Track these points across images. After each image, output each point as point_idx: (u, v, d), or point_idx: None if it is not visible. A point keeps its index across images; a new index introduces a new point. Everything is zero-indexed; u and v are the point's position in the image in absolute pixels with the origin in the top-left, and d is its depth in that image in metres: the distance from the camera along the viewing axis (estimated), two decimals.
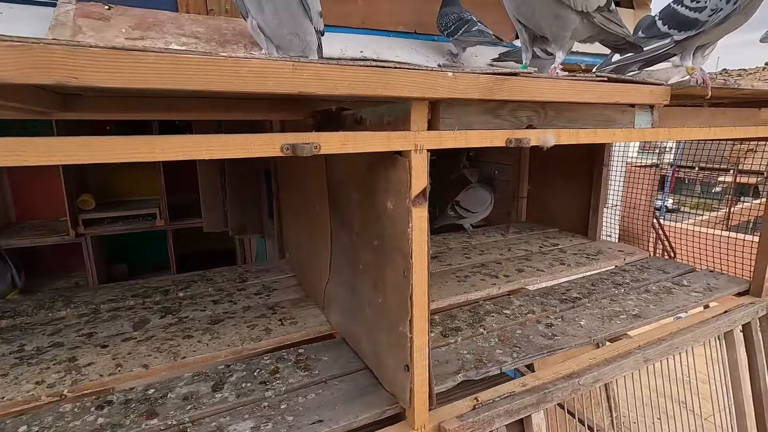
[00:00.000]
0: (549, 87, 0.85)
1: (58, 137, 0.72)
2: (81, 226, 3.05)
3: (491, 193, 2.20)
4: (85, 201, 3.14)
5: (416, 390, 0.89)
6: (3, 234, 3.04)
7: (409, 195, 0.79)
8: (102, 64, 0.51)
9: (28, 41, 0.47)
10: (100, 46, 0.51)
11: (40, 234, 3.01)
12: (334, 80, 0.65)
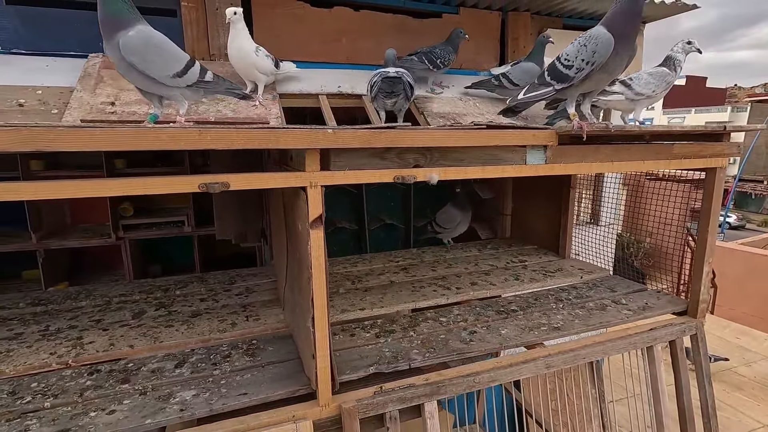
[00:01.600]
0: (427, 136, 1.07)
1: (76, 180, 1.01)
2: (121, 230, 3.50)
3: (462, 211, 2.38)
4: (125, 208, 3.60)
5: (320, 374, 1.12)
6: (59, 235, 3.54)
7: (308, 219, 1.04)
8: (67, 137, 0.80)
9: (19, 126, 0.76)
10: (63, 126, 0.79)
11: (87, 236, 3.49)
12: (232, 139, 0.91)
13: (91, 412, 1.08)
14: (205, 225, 3.82)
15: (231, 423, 1.08)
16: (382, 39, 2.36)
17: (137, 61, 1.06)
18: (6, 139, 0.75)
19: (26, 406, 1.11)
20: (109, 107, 1.56)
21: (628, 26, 1.11)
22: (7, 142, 0.76)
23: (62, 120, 1.46)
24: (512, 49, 2.64)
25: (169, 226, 3.82)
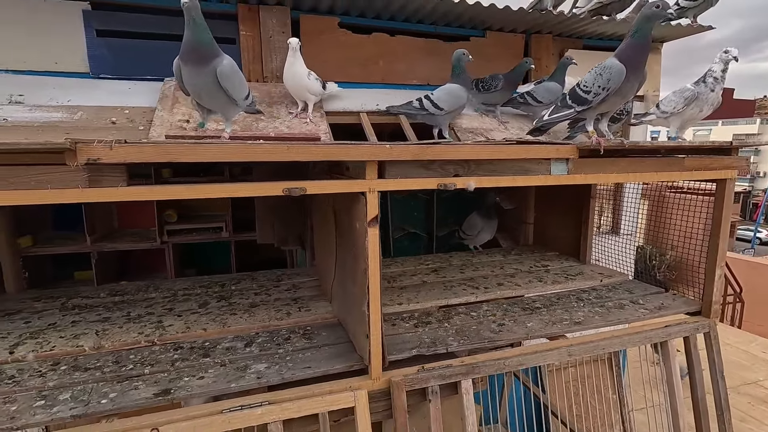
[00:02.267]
0: (466, 150, 1.27)
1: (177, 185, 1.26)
2: (165, 235, 3.79)
3: (485, 219, 2.56)
4: (170, 215, 3.90)
5: (373, 352, 1.32)
6: (108, 238, 3.85)
7: (366, 219, 1.25)
8: (190, 151, 1.03)
9: (159, 141, 1.00)
10: (186, 142, 1.03)
11: (134, 240, 3.79)
12: (313, 152, 1.13)
13: (184, 377, 1.30)
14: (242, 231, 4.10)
15: (299, 390, 1.29)
16: (415, 61, 2.59)
17: (228, 86, 1.30)
18: (152, 152, 0.99)
19: (130, 372, 1.34)
20: (185, 124, 1.82)
21: (637, 57, 1.29)
22: (152, 155, 0.99)
23: (149, 135, 1.72)
24: (535, 68, 2.83)
25: (209, 232, 4.12)
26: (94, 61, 2.05)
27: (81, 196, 1.01)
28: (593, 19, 2.58)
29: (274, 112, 2.05)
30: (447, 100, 1.92)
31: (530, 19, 2.57)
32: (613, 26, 2.72)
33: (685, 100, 1.75)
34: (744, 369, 4.92)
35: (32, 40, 1.98)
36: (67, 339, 1.54)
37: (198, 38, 1.25)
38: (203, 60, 1.26)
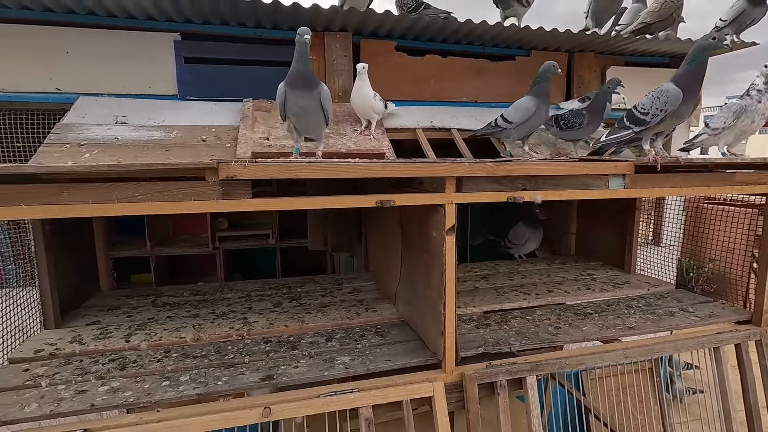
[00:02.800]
0: (534, 167, 1.42)
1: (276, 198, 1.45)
2: (217, 241, 4.05)
3: (531, 229, 2.68)
4: (221, 222, 4.16)
5: (447, 348, 1.47)
6: (164, 244, 4.13)
7: (444, 228, 1.41)
8: (308, 169, 1.22)
9: (279, 161, 1.19)
10: (305, 163, 1.21)
11: (188, 246, 4.06)
12: (402, 170, 1.30)
13: (281, 366, 1.48)
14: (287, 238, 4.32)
15: (382, 380, 1.45)
16: (463, 80, 2.76)
17: (327, 107, 1.50)
18: (276, 170, 1.18)
19: (232, 360, 1.53)
20: (266, 141, 2.03)
21: (693, 83, 1.41)
22: (276, 172, 1.18)
23: (237, 151, 1.94)
24: (578, 84, 2.95)
25: (257, 239, 4.36)
26: (182, 85, 2.31)
27: (216, 206, 1.21)
28: (636, 39, 2.69)
29: (340, 129, 2.24)
30: (514, 113, 1.97)
31: (575, 39, 2.70)
32: (655, 44, 2.82)
33: (734, 114, 1.83)
34: None
35: (131, 67, 2.24)
36: (170, 331, 1.75)
37: (307, 69, 1.46)
38: (310, 86, 1.46)
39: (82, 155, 1.79)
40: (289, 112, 1.52)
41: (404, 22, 2.38)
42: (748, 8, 2.57)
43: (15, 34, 2.10)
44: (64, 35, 2.15)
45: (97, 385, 1.36)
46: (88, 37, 2.18)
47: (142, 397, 1.30)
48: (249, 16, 2.24)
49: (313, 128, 1.57)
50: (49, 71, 2.15)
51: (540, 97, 1.95)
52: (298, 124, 1.56)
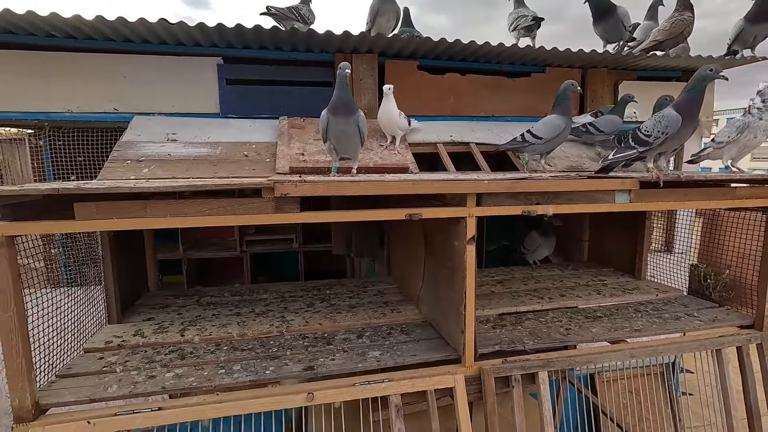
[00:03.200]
0: (547, 184, 1.59)
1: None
2: (245, 245, 4.28)
3: (543, 236, 2.84)
4: (248, 227, 4.40)
5: (467, 344, 1.64)
6: (194, 247, 4.39)
7: (465, 238, 1.59)
8: (347, 188, 1.41)
9: (324, 179, 1.38)
10: (347, 181, 1.41)
11: (217, 249, 4.31)
12: (430, 187, 1.49)
13: (320, 358, 1.68)
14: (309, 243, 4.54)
15: (409, 372, 1.63)
16: (481, 96, 2.94)
17: (363, 130, 1.70)
18: (322, 188, 1.38)
19: (276, 353, 1.74)
20: (301, 157, 2.24)
21: (691, 109, 1.56)
22: (322, 190, 1.38)
23: (276, 166, 2.15)
24: (591, 99, 3.10)
25: (281, 243, 4.58)
26: (224, 104, 2.54)
27: (270, 219, 1.42)
28: (647, 56, 2.83)
29: (367, 145, 2.44)
30: (544, 129, 2.07)
31: (587, 57, 2.85)
32: (666, 60, 2.95)
33: (737, 129, 1.97)
34: None
35: (178, 89, 2.48)
36: (217, 327, 1.97)
37: (348, 97, 1.67)
38: (349, 112, 1.67)
39: (141, 170, 2.03)
40: (331, 135, 1.72)
41: (426, 45, 2.57)
42: (747, 26, 2.69)
43: (80, 62, 2.36)
44: (121, 61, 2.41)
45: (163, 372, 1.58)
46: (141, 62, 2.43)
47: (204, 382, 1.51)
48: (286, 41, 2.47)
49: (351, 149, 1.77)
50: (109, 94, 2.41)
51: (566, 114, 2.07)
52: (338, 146, 1.76)
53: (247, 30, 2.28)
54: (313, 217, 1.45)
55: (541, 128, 2.05)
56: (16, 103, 2.30)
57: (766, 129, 1.95)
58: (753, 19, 2.74)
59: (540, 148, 2.16)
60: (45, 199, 1.46)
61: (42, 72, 2.31)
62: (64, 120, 2.39)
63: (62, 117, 2.37)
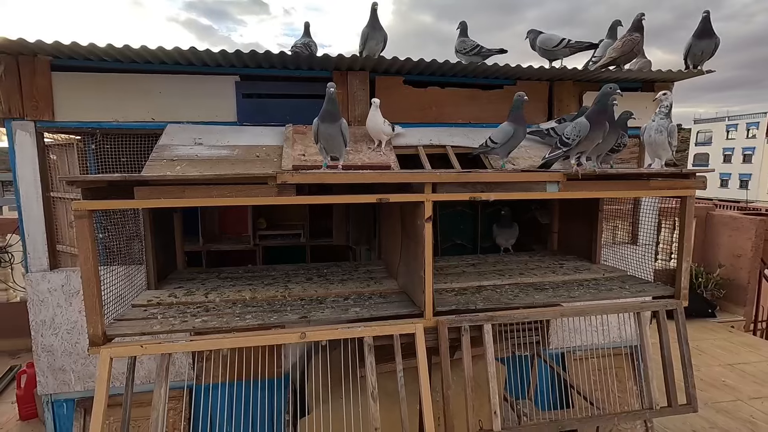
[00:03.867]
0: (489, 176, 2.06)
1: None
2: (257, 239, 4.79)
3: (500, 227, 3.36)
4: (261, 222, 4.92)
5: (426, 302, 2.11)
6: (213, 241, 4.92)
7: (424, 218, 2.06)
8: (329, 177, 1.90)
9: (312, 172, 1.87)
10: (329, 173, 1.89)
11: (233, 243, 4.84)
12: (393, 177, 1.96)
13: (312, 312, 2.16)
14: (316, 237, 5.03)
15: (380, 322, 2.10)
16: (459, 105, 3.40)
17: (346, 134, 2.19)
18: (312, 178, 1.87)
19: (280, 309, 2.22)
20: (302, 157, 2.74)
21: (599, 117, 2.01)
22: (313, 179, 1.87)
23: (281, 165, 2.65)
24: (558, 108, 3.54)
25: (290, 237, 5.10)
26: (241, 114, 3.06)
27: (274, 200, 1.91)
28: (602, 71, 3.27)
29: (358, 147, 2.93)
30: (498, 135, 2.49)
31: (553, 72, 3.30)
32: (621, 74, 3.38)
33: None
34: None
35: (204, 101, 3.02)
36: (234, 292, 2.47)
37: (334, 109, 2.16)
38: (334, 120, 2.16)
39: (175, 167, 2.55)
40: (320, 138, 2.21)
41: (409, 63, 3.06)
42: (695, 42, 3.11)
43: (125, 81, 2.91)
44: (157, 80, 2.95)
45: (192, 318, 2.08)
46: (174, 80, 2.97)
47: (223, 324, 2.00)
48: (291, 62, 2.98)
49: (336, 149, 2.25)
50: (147, 106, 2.95)
51: (517, 122, 2.48)
52: (327, 146, 2.25)
53: (259, 54, 2.80)
54: (304, 200, 1.94)
55: (496, 134, 2.51)
56: (75, 114, 2.86)
57: (657, 129, 2.35)
58: (699, 36, 3.16)
59: (499, 151, 2.62)
60: (109, 186, 1.98)
61: (96, 89, 2.87)
62: (111, 128, 2.94)
63: (110, 125, 2.92)
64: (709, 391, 4.86)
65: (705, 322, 7.06)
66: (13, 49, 2.62)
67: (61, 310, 2.96)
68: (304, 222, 4.92)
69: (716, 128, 42.24)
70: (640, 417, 2.28)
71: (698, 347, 6.00)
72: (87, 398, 3.00)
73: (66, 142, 3.61)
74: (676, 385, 2.27)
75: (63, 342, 2.98)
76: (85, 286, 1.77)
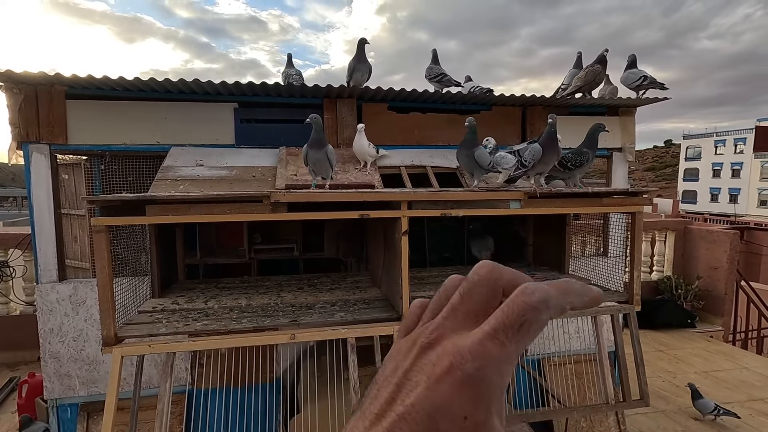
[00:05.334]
0: (457, 195, 2.34)
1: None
2: (252, 253, 5.03)
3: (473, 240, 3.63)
4: (256, 237, 5.16)
5: (404, 306, 2.36)
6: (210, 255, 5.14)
7: (401, 231, 2.33)
8: (317, 196, 2.17)
9: (301, 192, 2.14)
10: (317, 192, 2.17)
11: (229, 256, 5.07)
12: (372, 196, 2.24)
13: (301, 317, 2.40)
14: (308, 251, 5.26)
15: (362, 325, 2.35)
16: (439, 129, 3.72)
17: (331, 158, 2.47)
18: (303, 197, 2.14)
19: (272, 314, 2.47)
20: (294, 177, 3.02)
21: (549, 144, 2.31)
22: (303, 198, 2.14)
23: (275, 185, 2.92)
24: (530, 130, 3.86)
25: (284, 251, 5.33)
26: (238, 137, 3.35)
27: (269, 216, 2.18)
28: (568, 98, 3.61)
29: (345, 168, 3.22)
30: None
31: (525, 99, 3.64)
32: (586, 101, 3.72)
33: None
34: (755, 388, 5.32)
35: (205, 126, 3.30)
36: (231, 300, 2.71)
37: (320, 137, 2.45)
38: (321, 146, 2.44)
39: (179, 187, 2.82)
40: (309, 161, 2.50)
41: (392, 92, 3.38)
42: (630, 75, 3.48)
43: (133, 107, 3.19)
44: (163, 107, 3.24)
45: (194, 322, 2.32)
46: (178, 107, 3.27)
47: (222, 327, 2.24)
48: (285, 91, 3.29)
49: (323, 171, 2.54)
50: (153, 130, 3.23)
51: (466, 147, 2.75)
52: (315, 169, 2.53)
53: (256, 85, 3.11)
54: (295, 216, 2.21)
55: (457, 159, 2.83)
56: (87, 138, 3.13)
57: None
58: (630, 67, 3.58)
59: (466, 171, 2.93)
60: (122, 204, 2.24)
61: (106, 115, 3.15)
62: (119, 150, 3.21)
63: (119, 148, 3.19)
64: (684, 397, 5.08)
65: (684, 332, 7.32)
66: (33, 80, 2.91)
67: (68, 318, 3.18)
68: (297, 236, 5.17)
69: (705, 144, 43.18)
70: (597, 411, 2.52)
71: (676, 356, 6.25)
72: (90, 402, 3.20)
73: (74, 161, 3.88)
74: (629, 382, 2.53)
75: (69, 349, 3.19)
76: (100, 293, 2.02)
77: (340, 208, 2.33)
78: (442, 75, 3.68)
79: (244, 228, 4.85)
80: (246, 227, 4.82)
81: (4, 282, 5.81)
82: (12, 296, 5.81)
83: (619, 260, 4.36)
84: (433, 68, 3.76)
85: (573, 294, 0.32)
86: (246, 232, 4.94)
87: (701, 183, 42.53)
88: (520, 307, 0.29)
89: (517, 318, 0.29)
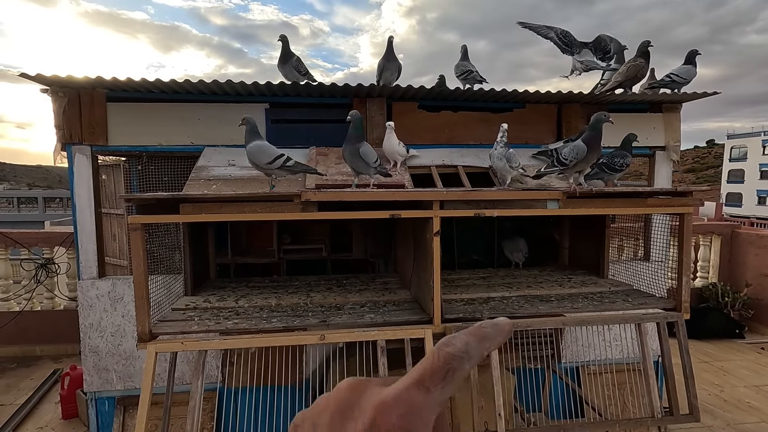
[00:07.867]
0: (492, 194, 2.26)
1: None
2: (282, 253, 5.07)
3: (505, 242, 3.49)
4: (285, 238, 5.20)
5: (435, 309, 2.30)
6: (241, 254, 5.21)
7: (433, 232, 2.26)
8: (345, 195, 2.14)
9: (330, 191, 2.12)
10: (346, 191, 2.14)
11: (258, 256, 5.13)
12: (403, 195, 2.19)
13: (331, 317, 2.38)
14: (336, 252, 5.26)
15: (392, 327, 2.30)
16: (470, 128, 3.63)
17: (365, 156, 2.44)
18: (332, 196, 2.12)
19: (302, 314, 2.45)
20: (324, 176, 3.00)
21: (594, 142, 2.19)
22: (333, 197, 2.12)
23: (305, 184, 2.92)
24: (566, 129, 3.71)
25: (313, 252, 5.34)
26: (269, 137, 3.36)
27: (299, 216, 2.16)
28: (608, 94, 3.44)
29: None
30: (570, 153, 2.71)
31: (561, 96, 3.50)
32: (627, 97, 3.53)
33: None
34: None
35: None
36: (261, 299, 2.72)
37: (357, 133, 2.42)
38: (356, 142, 2.42)
39: (212, 186, 2.85)
40: (345, 158, 2.48)
41: (422, 91, 3.32)
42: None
43: (169, 109, 3.27)
44: (197, 108, 3.30)
45: (226, 321, 2.33)
46: (211, 109, 3.32)
47: (252, 326, 2.24)
48: (315, 91, 3.29)
49: (362, 167, 2.51)
50: (187, 132, 3.30)
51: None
52: (352, 165, 2.52)
53: (287, 85, 3.12)
54: (325, 215, 2.18)
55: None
56: (126, 139, 3.23)
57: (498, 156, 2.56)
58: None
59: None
60: (157, 203, 2.28)
61: (143, 117, 3.24)
62: (156, 151, 3.29)
63: (155, 148, 3.28)
64: (733, 412, 4.76)
65: (732, 342, 6.88)
66: (77, 83, 3.02)
67: (107, 314, 3.28)
68: (325, 237, 5.17)
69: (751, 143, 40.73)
70: (642, 424, 2.37)
71: (723, 368, 5.87)
72: (126, 396, 3.29)
73: (114, 162, 4.02)
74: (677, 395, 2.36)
75: (107, 344, 3.29)
76: (136, 290, 2.05)
77: (370, 207, 2.29)
78: (468, 72, 3.58)
79: (274, 228, 4.89)
80: (275, 228, 4.86)
81: (50, 278, 6.11)
82: (57, 292, 6.09)
83: (662, 265, 4.14)
84: (460, 65, 3.67)
85: (488, 340, 0.33)
86: (275, 233, 4.98)
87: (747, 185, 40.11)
88: (445, 356, 0.30)
89: (443, 365, 0.30)
